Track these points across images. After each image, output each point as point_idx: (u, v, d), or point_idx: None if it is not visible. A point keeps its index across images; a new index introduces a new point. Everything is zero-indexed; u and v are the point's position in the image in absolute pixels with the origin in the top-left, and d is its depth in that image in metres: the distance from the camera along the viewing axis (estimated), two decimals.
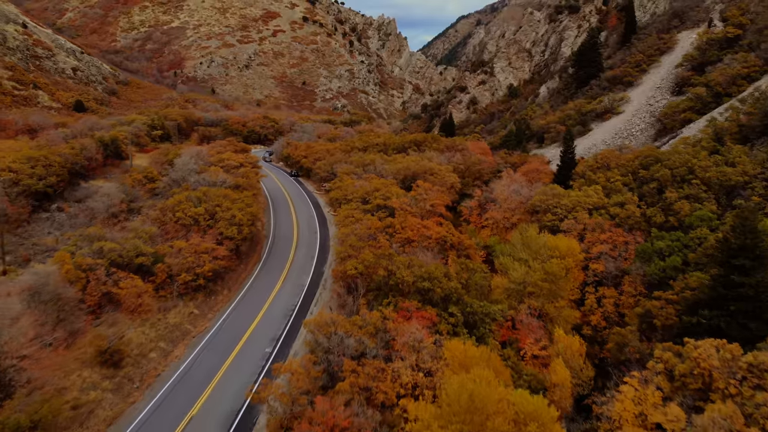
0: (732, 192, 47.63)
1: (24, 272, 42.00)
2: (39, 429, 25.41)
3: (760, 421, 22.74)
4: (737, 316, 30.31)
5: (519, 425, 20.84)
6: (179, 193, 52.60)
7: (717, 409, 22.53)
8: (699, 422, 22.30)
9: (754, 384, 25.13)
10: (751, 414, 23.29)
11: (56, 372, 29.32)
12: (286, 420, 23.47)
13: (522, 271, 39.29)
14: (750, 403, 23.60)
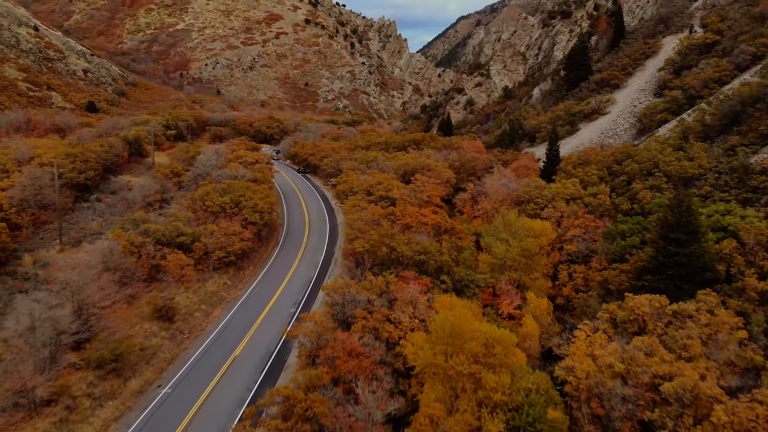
0: (689, 183, 54.82)
1: (78, 251, 49.31)
2: (118, 362, 32.65)
3: (676, 350, 29.86)
4: (674, 280, 37.41)
5: (488, 347, 27.89)
6: (206, 185, 59.86)
7: (641, 339, 29.62)
8: (627, 348, 29.37)
9: (677, 327, 32.27)
10: (670, 347, 30.41)
11: (124, 323, 36.55)
12: (314, 350, 30.59)
13: (503, 249, 46.43)
14: (670, 338, 30.74)
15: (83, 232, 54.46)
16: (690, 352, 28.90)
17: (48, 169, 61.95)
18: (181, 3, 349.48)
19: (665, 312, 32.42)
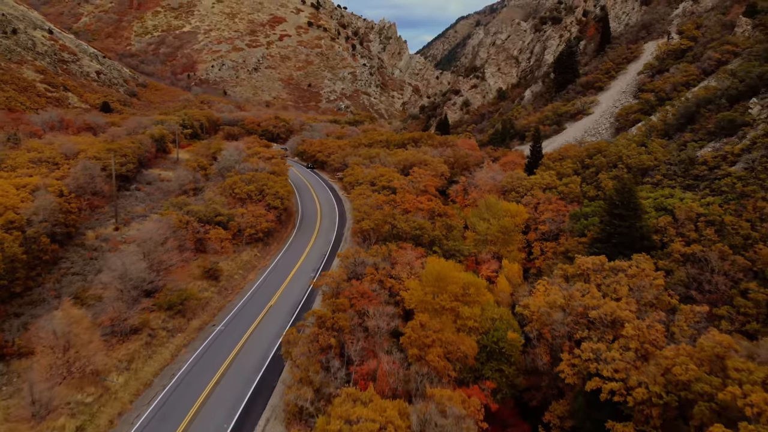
0: (645, 172, 64.47)
1: (129, 229, 58.93)
2: (183, 306, 42.30)
3: (608, 293, 39.42)
4: (618, 247, 46.94)
5: (465, 289, 37.32)
6: (233, 176, 69.54)
7: (579, 284, 39.24)
8: (569, 289, 38.94)
9: (616, 278, 41.86)
10: (604, 291, 39.99)
11: (182, 280, 46.18)
12: (334, 295, 40.13)
13: (484, 226, 55.93)
14: (605, 285, 40.34)
15: (130, 214, 64.05)
16: (618, 294, 38.53)
17: (94, 162, 71.63)
18: (187, 6, 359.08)
19: (604, 267, 42.02)
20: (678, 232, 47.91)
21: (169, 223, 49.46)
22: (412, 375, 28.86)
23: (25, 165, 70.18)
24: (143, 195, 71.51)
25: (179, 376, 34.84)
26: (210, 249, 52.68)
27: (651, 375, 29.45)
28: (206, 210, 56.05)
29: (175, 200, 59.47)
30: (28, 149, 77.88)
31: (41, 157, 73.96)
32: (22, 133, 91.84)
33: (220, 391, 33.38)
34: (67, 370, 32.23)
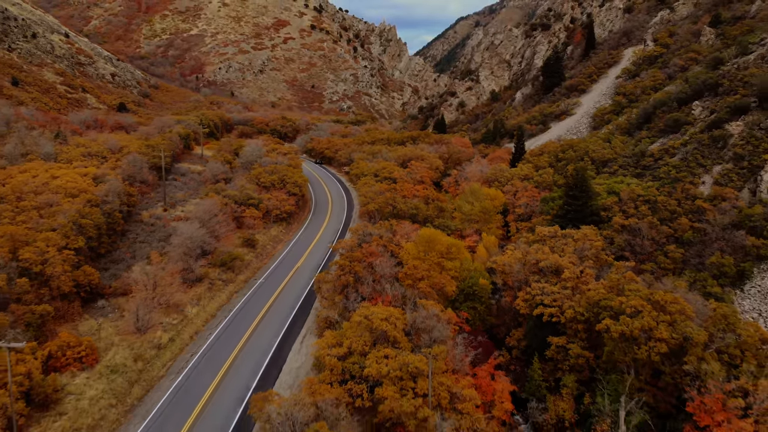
0: (605, 164, 76.63)
1: (175, 210, 70.99)
2: (232, 264, 54.45)
3: (557, 252, 51.43)
4: (572, 221, 58.98)
5: (448, 248, 49.34)
6: (257, 168, 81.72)
7: (535, 245, 51.37)
8: (527, 249, 51.02)
9: (565, 242, 53.91)
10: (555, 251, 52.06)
11: (227, 247, 58.36)
12: (347, 255, 52.19)
13: (469, 208, 67.99)
14: (556, 246, 52.41)
15: (173, 199, 76.17)
16: (565, 252, 50.66)
17: (140, 155, 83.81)
18: (194, 9, 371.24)
19: (557, 234, 54.18)
20: (621, 209, 60.03)
21: (214, 204, 61.61)
22: (408, 296, 40.92)
23: (78, 158, 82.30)
24: (180, 184, 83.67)
25: (235, 311, 47.07)
26: (245, 225, 64.86)
27: (577, 301, 41.62)
28: (240, 194, 68.25)
29: (213, 187, 71.68)
30: (77, 145, 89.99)
31: (90, 151, 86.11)
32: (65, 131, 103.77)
33: (266, 320, 45.59)
34: (156, 302, 44.42)
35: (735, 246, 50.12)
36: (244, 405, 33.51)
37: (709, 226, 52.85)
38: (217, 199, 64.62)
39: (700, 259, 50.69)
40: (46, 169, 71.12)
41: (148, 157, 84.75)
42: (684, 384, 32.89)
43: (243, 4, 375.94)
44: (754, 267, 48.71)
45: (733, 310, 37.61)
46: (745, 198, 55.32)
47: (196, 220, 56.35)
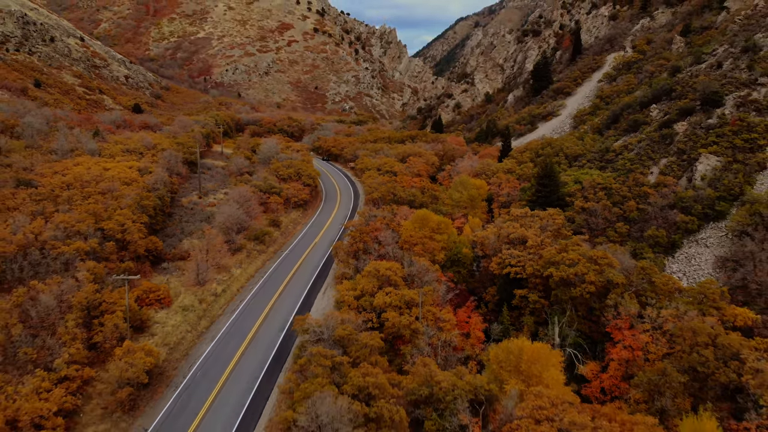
0: (576, 158, 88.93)
1: (208, 197, 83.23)
2: (262, 238, 66.83)
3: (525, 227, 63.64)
4: (542, 205, 71.21)
5: (438, 225, 61.56)
6: (275, 163, 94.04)
7: (508, 222, 63.60)
8: (501, 225, 63.29)
9: (532, 220, 66.17)
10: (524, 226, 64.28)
11: (257, 225, 70.67)
12: (357, 229, 64.46)
13: (458, 196, 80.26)
14: (525, 223, 64.65)
15: (205, 189, 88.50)
16: (531, 227, 62.95)
17: (174, 151, 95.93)
18: (201, 13, 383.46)
19: (527, 214, 66.50)
20: (582, 195, 72.35)
21: (245, 190, 73.91)
22: (405, 257, 53.15)
23: (119, 153, 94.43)
24: (208, 177, 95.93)
25: (269, 272, 59.43)
26: (270, 209, 77.15)
27: (536, 261, 53.91)
28: (264, 184, 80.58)
29: (240, 178, 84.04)
30: (116, 142, 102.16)
31: (128, 148, 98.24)
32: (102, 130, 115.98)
33: (295, 279, 57.92)
34: (209, 263, 56.73)
35: (669, 222, 62.47)
36: (285, 331, 45.89)
37: (650, 207, 65.22)
38: (247, 187, 76.94)
39: (641, 233, 63.07)
40: (96, 162, 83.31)
41: (181, 152, 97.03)
42: (607, 315, 45.20)
43: (248, 8, 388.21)
44: (683, 239, 61.06)
45: (651, 266, 49.91)
46: (683, 185, 67.64)
47: (234, 202, 68.71)
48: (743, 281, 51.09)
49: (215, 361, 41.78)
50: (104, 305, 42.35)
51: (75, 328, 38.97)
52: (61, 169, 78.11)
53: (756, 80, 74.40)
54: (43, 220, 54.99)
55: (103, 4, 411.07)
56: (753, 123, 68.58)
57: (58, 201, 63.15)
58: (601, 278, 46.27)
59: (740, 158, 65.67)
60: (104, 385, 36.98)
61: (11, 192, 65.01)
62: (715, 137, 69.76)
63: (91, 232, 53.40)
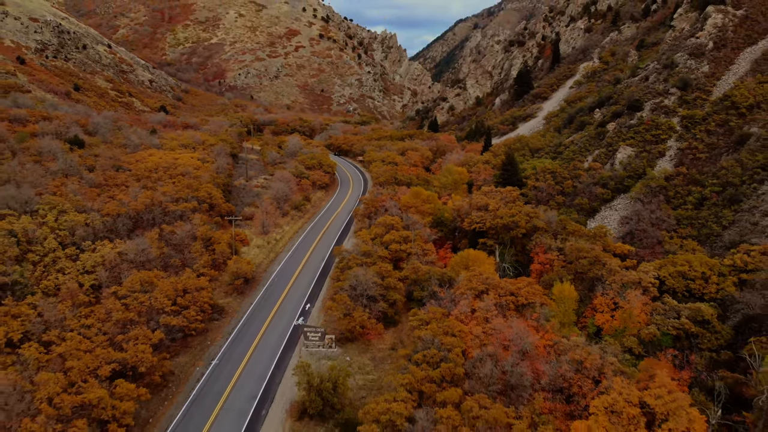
0: (537, 151, 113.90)
1: (252, 181, 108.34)
2: (301, 207, 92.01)
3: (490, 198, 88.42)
4: (505, 184, 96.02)
5: (428, 197, 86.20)
6: (301, 156, 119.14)
7: (476, 194, 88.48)
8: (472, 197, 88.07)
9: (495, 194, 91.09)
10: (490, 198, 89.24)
11: (295, 199, 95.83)
12: (369, 200, 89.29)
13: (444, 179, 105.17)
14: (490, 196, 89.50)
15: (249, 175, 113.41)
16: (495, 198, 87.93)
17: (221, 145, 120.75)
18: (213, 20, 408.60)
19: (493, 190, 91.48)
20: (535, 177, 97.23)
21: (286, 174, 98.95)
22: (403, 215, 78.14)
23: (177, 147, 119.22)
24: (248, 166, 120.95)
25: (309, 229, 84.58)
26: (302, 189, 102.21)
27: (493, 217, 78.85)
28: (296, 170, 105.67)
29: (275, 167, 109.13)
30: (171, 138, 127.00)
31: (183, 143, 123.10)
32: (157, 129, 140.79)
33: (326, 234, 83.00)
34: (268, 221, 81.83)
35: (593, 194, 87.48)
36: (326, 259, 71.01)
37: (581, 184, 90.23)
38: (285, 172, 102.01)
39: (572, 202, 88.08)
40: (164, 154, 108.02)
41: (225, 146, 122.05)
42: (531, 245, 70.14)
43: (257, 15, 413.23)
44: (601, 206, 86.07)
45: (566, 218, 74.80)
46: (606, 168, 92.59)
47: (279, 182, 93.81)
48: (631, 230, 76.17)
49: (283, 274, 66.86)
50: (213, 238, 67.42)
51: (201, 248, 64.08)
52: (140, 158, 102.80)
53: (668, 90, 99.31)
54: (150, 191, 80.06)
55: (120, 11, 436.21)
56: (660, 122, 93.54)
57: (151, 179, 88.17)
58: (529, 224, 71.32)
59: (648, 149, 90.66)
60: (224, 279, 62.13)
61: (113, 174, 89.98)
62: (633, 133, 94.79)
63: (189, 198, 78.43)
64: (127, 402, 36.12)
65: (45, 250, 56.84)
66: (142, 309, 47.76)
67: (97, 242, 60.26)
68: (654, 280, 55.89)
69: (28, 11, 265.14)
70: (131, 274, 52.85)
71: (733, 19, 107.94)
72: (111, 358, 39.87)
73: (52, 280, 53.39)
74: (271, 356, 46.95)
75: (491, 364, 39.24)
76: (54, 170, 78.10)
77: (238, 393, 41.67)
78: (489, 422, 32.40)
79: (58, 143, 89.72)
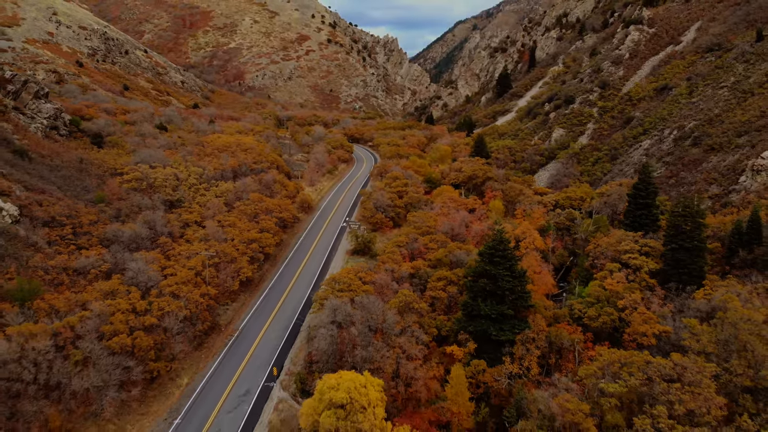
0: (503, 135, 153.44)
1: (293, 156, 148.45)
2: (333, 172, 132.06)
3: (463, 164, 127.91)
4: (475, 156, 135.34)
5: (421, 164, 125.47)
6: (327, 139, 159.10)
7: (456, 164, 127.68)
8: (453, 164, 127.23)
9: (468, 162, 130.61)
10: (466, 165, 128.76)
11: (326, 165, 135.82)
12: (381, 165, 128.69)
13: (434, 155, 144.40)
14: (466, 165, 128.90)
15: (291, 152, 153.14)
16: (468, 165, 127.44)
17: (266, 131, 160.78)
18: (230, 26, 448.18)
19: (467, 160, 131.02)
20: (497, 151, 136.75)
21: (322, 149, 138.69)
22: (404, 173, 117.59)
23: (234, 133, 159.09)
24: (287, 147, 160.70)
25: (340, 185, 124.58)
26: (332, 161, 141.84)
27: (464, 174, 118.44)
28: (326, 149, 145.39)
29: (308, 147, 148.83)
30: (227, 126, 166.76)
31: (237, 130, 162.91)
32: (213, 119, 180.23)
33: (352, 187, 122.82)
34: (313, 177, 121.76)
35: (534, 161, 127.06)
36: (355, 198, 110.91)
37: (527, 154, 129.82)
38: (320, 148, 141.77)
39: (519, 166, 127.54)
40: (227, 136, 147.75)
41: (270, 132, 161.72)
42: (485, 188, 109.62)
43: (270, 22, 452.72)
44: (538, 168, 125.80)
45: (509, 173, 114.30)
46: (546, 144, 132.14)
47: (317, 154, 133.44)
48: (553, 181, 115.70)
49: (330, 205, 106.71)
50: (285, 183, 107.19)
51: (280, 187, 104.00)
52: (211, 140, 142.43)
53: (593, 89, 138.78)
54: (234, 158, 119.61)
55: (144, 18, 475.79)
56: (584, 111, 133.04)
57: (229, 152, 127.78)
58: (485, 176, 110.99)
59: (574, 129, 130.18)
60: (295, 206, 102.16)
61: (199, 148, 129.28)
62: (565, 119, 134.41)
63: (262, 162, 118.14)
64: (270, 241, 75.92)
65: (189, 184, 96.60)
66: (260, 210, 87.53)
67: (218, 182, 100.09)
68: (552, 201, 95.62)
69: (77, 20, 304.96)
70: (249, 194, 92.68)
71: (645, 35, 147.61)
72: (254, 228, 79.69)
73: (200, 200, 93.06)
74: (332, 236, 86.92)
75: (448, 226, 78.87)
76: (157, 146, 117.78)
77: (319, 246, 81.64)
78: (442, 242, 72.20)
79: (150, 127, 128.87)
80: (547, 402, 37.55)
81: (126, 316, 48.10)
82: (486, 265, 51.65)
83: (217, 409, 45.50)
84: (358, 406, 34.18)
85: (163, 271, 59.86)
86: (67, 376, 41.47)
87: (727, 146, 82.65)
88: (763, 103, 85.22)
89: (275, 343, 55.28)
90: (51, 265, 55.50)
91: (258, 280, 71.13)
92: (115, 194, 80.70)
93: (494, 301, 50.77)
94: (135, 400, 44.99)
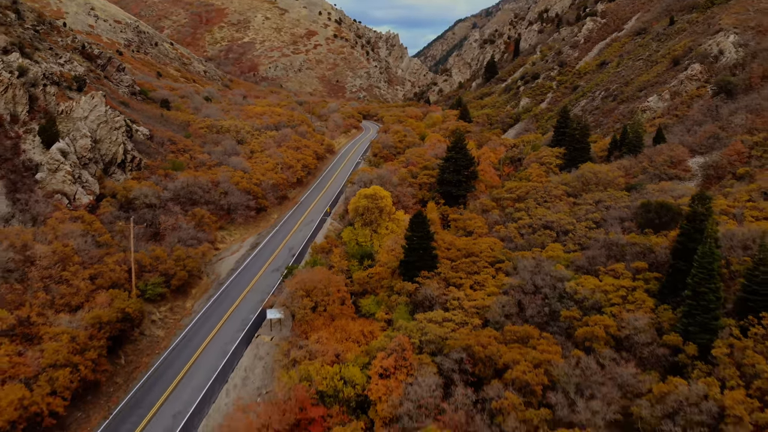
0: (484, 106, 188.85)
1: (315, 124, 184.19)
2: (348, 133, 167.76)
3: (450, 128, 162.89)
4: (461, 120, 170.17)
5: (418, 125, 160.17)
6: (341, 111, 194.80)
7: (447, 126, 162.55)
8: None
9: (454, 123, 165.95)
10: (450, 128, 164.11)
11: (342, 127, 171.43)
12: (384, 128, 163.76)
13: (428, 122, 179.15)
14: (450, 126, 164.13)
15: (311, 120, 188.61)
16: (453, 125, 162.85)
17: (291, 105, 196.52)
18: (244, 22, 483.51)
19: (454, 123, 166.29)
20: (478, 117, 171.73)
21: (339, 115, 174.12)
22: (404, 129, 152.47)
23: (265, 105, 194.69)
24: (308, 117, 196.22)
25: (353, 141, 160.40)
26: (346, 126, 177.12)
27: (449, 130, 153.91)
28: (340, 117, 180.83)
29: (327, 116, 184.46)
30: (258, 101, 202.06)
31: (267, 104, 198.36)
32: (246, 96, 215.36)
33: (361, 144, 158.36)
34: (333, 134, 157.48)
35: (504, 123, 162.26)
36: (363, 153, 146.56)
37: (499, 118, 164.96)
38: (336, 115, 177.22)
39: (493, 127, 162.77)
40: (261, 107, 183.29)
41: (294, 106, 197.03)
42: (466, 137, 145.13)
43: (281, 18, 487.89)
44: (509, 128, 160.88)
45: (485, 130, 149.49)
46: (515, 110, 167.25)
47: (334, 120, 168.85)
48: (517, 134, 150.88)
49: (348, 151, 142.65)
50: (314, 134, 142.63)
51: (310, 136, 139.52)
52: (249, 109, 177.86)
53: (553, 68, 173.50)
54: (272, 118, 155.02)
55: (163, 14, 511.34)
56: (545, 85, 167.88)
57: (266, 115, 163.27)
58: (465, 129, 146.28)
59: (536, 98, 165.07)
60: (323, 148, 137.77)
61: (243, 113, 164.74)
62: (531, 91, 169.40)
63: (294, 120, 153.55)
64: (311, 161, 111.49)
65: (246, 131, 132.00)
66: (300, 146, 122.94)
67: (265, 131, 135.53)
68: (511, 142, 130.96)
69: (111, 15, 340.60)
70: (291, 137, 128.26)
71: (598, 24, 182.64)
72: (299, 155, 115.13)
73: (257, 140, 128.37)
74: (353, 164, 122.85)
75: (433, 153, 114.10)
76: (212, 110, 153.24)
77: (344, 169, 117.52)
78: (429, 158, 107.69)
79: (200, 98, 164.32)
80: (475, 204, 73.20)
81: (241, 177, 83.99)
82: (451, 153, 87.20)
83: (296, 227, 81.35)
84: (379, 196, 69.86)
85: (251, 166, 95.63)
86: (215, 198, 77.50)
87: (631, 98, 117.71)
88: (660, 68, 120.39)
89: (325, 203, 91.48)
90: (180, 159, 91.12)
91: (306, 182, 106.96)
92: (196, 134, 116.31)
93: (455, 173, 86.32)
94: (252, 218, 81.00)
